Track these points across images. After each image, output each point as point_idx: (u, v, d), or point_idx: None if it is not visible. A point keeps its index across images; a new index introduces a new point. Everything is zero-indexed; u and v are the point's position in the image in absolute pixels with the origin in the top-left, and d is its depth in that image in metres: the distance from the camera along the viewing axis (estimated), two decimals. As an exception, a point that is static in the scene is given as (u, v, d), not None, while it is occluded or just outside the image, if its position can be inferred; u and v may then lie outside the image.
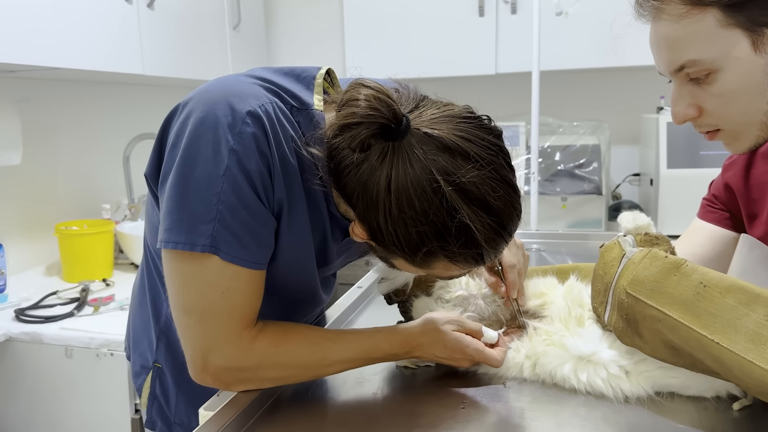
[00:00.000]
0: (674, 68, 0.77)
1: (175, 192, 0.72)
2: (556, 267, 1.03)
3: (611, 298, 0.80)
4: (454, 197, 0.67)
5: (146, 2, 1.89)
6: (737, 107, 0.76)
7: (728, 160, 1.01)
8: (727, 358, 0.69)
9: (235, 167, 0.70)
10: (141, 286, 0.99)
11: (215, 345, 0.75)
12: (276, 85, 0.77)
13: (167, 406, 0.97)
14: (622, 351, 0.81)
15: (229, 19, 2.39)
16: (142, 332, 0.99)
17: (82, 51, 1.65)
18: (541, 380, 0.85)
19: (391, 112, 0.67)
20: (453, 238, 0.68)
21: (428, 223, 0.67)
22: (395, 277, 0.97)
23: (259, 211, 0.73)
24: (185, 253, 0.72)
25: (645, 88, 2.58)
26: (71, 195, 2.10)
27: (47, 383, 1.50)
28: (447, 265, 0.73)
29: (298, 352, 0.79)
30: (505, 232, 0.71)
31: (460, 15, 2.44)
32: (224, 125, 0.71)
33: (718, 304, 0.70)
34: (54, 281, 1.85)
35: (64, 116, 2.06)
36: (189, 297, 0.74)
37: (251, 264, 0.74)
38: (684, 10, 0.74)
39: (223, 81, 0.77)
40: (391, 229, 0.69)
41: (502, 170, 0.70)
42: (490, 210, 0.69)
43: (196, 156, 0.71)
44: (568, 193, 2.35)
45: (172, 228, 0.72)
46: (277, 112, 0.74)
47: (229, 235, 0.71)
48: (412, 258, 0.72)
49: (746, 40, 0.72)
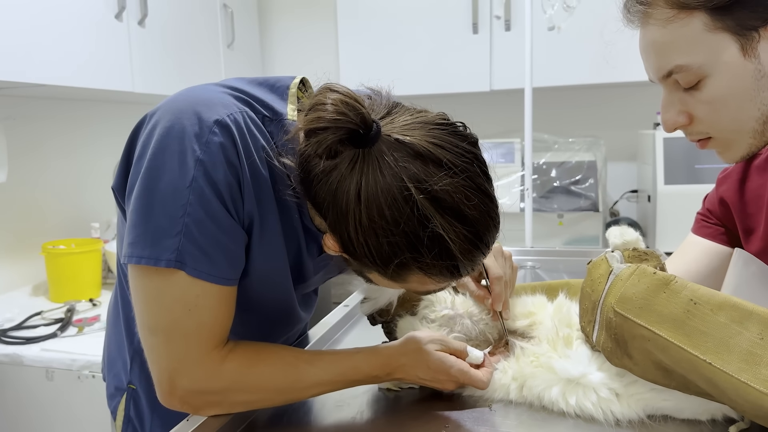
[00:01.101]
0: (662, 74, 0.75)
1: (140, 204, 0.69)
2: (546, 284, 1.00)
3: (599, 317, 0.77)
4: (426, 206, 0.64)
5: (137, 19, 1.88)
6: (727, 114, 0.73)
7: (722, 174, 0.99)
8: (720, 380, 0.66)
9: (202, 178, 0.68)
10: (115, 305, 0.96)
11: (181, 366, 0.71)
12: (247, 95, 0.75)
13: (142, 429, 0.93)
14: (612, 373, 0.78)
15: (223, 38, 2.39)
16: (116, 353, 0.95)
17: (70, 68, 1.64)
18: (529, 403, 0.81)
19: (360, 117, 0.65)
20: (426, 249, 0.65)
21: (400, 233, 0.64)
22: (378, 297, 0.94)
23: (227, 224, 0.70)
24: (150, 269, 0.69)
25: (641, 104, 2.56)
26: (59, 214, 2.08)
27: (28, 406, 1.47)
28: (422, 279, 0.69)
29: (270, 374, 0.75)
30: (481, 243, 0.68)
31: (454, 32, 2.43)
32: (191, 135, 0.68)
33: (709, 322, 0.67)
34: (40, 301, 1.82)
35: (51, 134, 2.05)
36: (154, 315, 0.71)
37: (219, 279, 0.71)
38: (671, 15, 0.71)
39: (191, 90, 0.74)
40: (362, 239, 0.66)
41: (477, 178, 0.67)
42: (464, 220, 0.66)
43: (162, 167, 0.68)
44: (565, 209, 2.33)
45: (136, 242, 0.69)
46: (247, 122, 0.72)
47: (196, 250, 0.68)
48: (385, 270, 0.68)
49: (735, 45, 0.70)
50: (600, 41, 2.06)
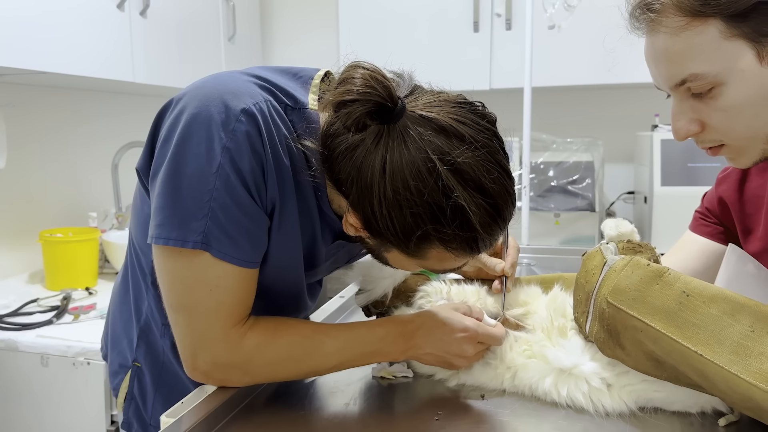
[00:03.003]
0: (675, 83, 0.73)
1: (167, 188, 0.71)
2: (540, 277, 1.01)
3: (592, 308, 0.77)
4: (449, 177, 0.66)
5: (139, 10, 1.88)
6: (743, 122, 0.72)
7: (722, 174, 0.99)
8: (710, 371, 0.66)
9: (228, 165, 0.70)
10: (124, 283, 0.97)
11: (203, 343, 0.75)
12: (271, 84, 0.77)
13: (144, 407, 0.95)
14: (604, 363, 0.78)
15: (224, 31, 2.39)
16: (121, 331, 0.97)
17: (71, 56, 1.64)
18: (521, 393, 0.82)
19: (387, 92, 0.68)
20: (448, 219, 0.67)
21: (423, 204, 0.67)
22: (373, 289, 0.95)
23: (251, 209, 0.72)
24: (176, 250, 0.72)
25: (640, 106, 2.57)
26: (57, 202, 2.08)
27: (22, 391, 1.47)
28: (441, 253, 0.71)
29: (289, 346, 0.78)
30: (499, 218, 0.70)
31: (455, 31, 2.44)
32: (218, 122, 0.70)
33: (701, 314, 0.67)
34: (36, 289, 1.82)
35: (52, 123, 2.05)
36: (178, 294, 0.74)
37: (242, 262, 0.73)
38: (684, 23, 0.70)
39: (218, 77, 0.76)
40: (385, 212, 0.68)
41: (497, 155, 0.70)
42: (485, 192, 0.68)
43: (189, 152, 0.70)
44: (561, 209, 2.33)
45: (164, 224, 0.71)
46: (271, 111, 0.73)
47: (221, 233, 0.71)
48: (406, 245, 0.70)
49: (751, 52, 0.69)
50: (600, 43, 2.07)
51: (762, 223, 0.89)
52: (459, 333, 0.81)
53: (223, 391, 0.78)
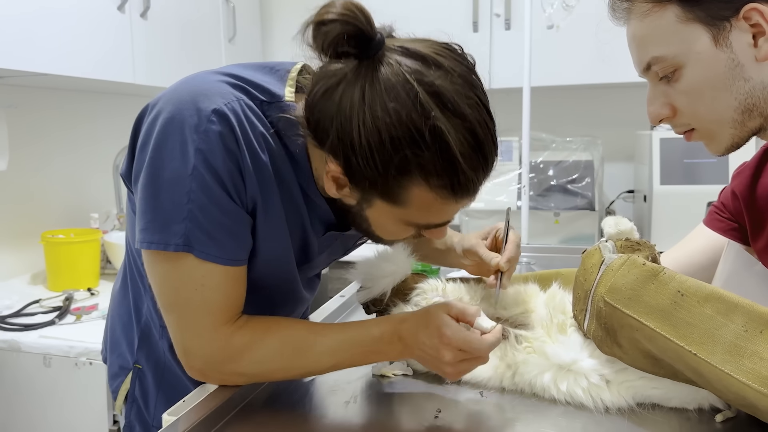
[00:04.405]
0: (643, 67, 0.78)
1: (147, 193, 0.72)
2: (538, 274, 1.02)
3: (590, 306, 0.78)
4: (427, 99, 0.65)
5: (139, 11, 1.89)
6: (705, 104, 0.75)
7: (738, 169, 0.99)
8: (705, 370, 0.67)
9: (202, 166, 0.70)
10: (123, 285, 0.98)
11: (194, 342, 0.76)
12: (245, 81, 0.77)
13: (146, 408, 0.95)
14: (603, 360, 0.79)
15: (225, 32, 2.40)
16: (121, 333, 0.98)
17: (72, 58, 1.64)
18: (520, 389, 0.82)
19: (367, 20, 0.67)
20: (426, 142, 0.65)
21: (401, 125, 0.65)
22: (373, 287, 0.96)
23: (230, 209, 0.73)
24: (160, 253, 0.73)
25: (639, 105, 2.55)
26: (59, 203, 2.09)
27: (25, 392, 1.48)
28: (424, 194, 0.69)
29: (280, 345, 0.78)
30: (480, 151, 0.68)
31: (454, 30, 2.40)
32: (190, 125, 0.71)
33: (695, 314, 0.68)
34: (38, 290, 1.83)
35: (53, 124, 2.06)
36: (167, 295, 0.76)
37: (226, 261, 0.74)
38: (647, 8, 0.74)
39: (190, 80, 0.77)
40: (364, 142, 0.66)
41: (476, 89, 0.69)
42: (464, 117, 0.67)
43: (165, 157, 0.71)
44: (561, 208, 2.34)
45: (146, 228, 0.73)
46: (244, 109, 0.74)
47: (202, 234, 0.72)
48: (386, 182, 0.68)
49: (707, 35, 0.72)
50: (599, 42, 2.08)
51: None
52: (436, 338, 0.75)
53: (224, 389, 0.78)
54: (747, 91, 0.73)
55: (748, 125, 0.75)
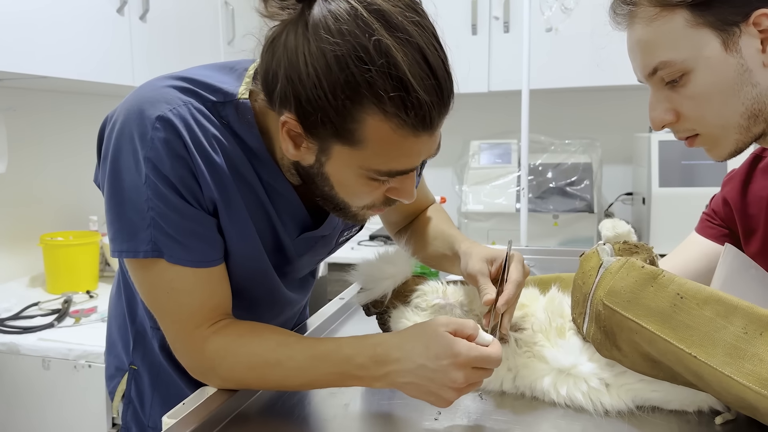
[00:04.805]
0: (648, 71, 0.77)
1: (111, 203, 0.74)
2: (538, 277, 1.02)
3: (589, 309, 0.78)
4: (370, 19, 0.63)
5: (138, 14, 1.89)
6: (712, 109, 0.75)
7: (728, 176, 1.00)
8: (705, 373, 0.67)
9: (153, 174, 0.71)
10: (117, 287, 0.99)
11: (176, 345, 0.78)
12: (197, 83, 0.77)
13: (142, 409, 0.96)
14: (603, 363, 0.79)
15: (224, 34, 2.40)
16: (117, 334, 0.98)
17: (71, 60, 1.65)
18: (520, 393, 0.82)
19: None
20: (372, 57, 0.62)
21: (345, 43, 0.63)
22: (373, 288, 0.96)
23: (190, 213, 0.74)
24: (133, 260, 0.75)
25: (637, 107, 2.58)
26: (58, 206, 2.09)
27: (24, 394, 1.47)
28: (380, 125, 0.65)
29: (250, 356, 0.76)
30: (431, 70, 0.65)
31: (453, 33, 2.43)
32: (138, 134, 0.72)
33: (695, 316, 0.68)
34: (37, 292, 1.83)
35: (52, 127, 2.06)
36: (147, 300, 0.78)
37: (195, 263, 0.75)
38: (654, 12, 0.74)
39: (140, 88, 0.77)
40: (311, 70, 0.64)
41: (425, 18, 0.67)
42: (410, 36, 0.64)
43: (121, 167, 0.73)
44: (560, 210, 2.35)
45: (115, 238, 0.75)
46: (193, 113, 0.74)
47: (167, 239, 0.73)
48: (338, 115, 0.65)
49: (716, 40, 0.72)
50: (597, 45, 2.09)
51: (762, 223, 0.90)
52: (445, 359, 0.68)
53: (223, 392, 0.78)
54: (754, 96, 0.73)
55: (753, 130, 0.75)
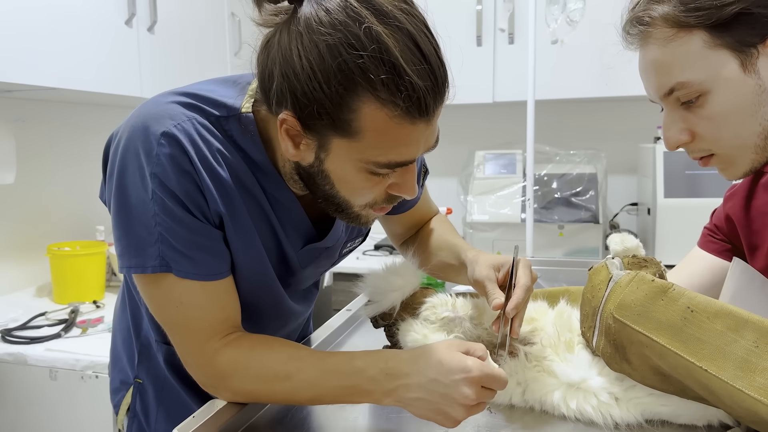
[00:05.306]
0: (664, 92, 0.77)
1: (119, 220, 0.75)
2: (546, 290, 1.02)
3: (599, 323, 0.78)
4: (362, 11, 0.64)
5: (146, 26, 1.91)
6: (730, 130, 0.75)
7: (729, 191, 1.00)
8: (716, 386, 0.67)
9: (159, 190, 0.72)
10: (122, 300, 0.99)
11: (187, 358, 0.78)
12: (200, 98, 0.78)
13: (147, 423, 0.96)
14: (612, 377, 0.79)
15: (230, 45, 2.42)
16: (122, 347, 0.99)
17: (80, 72, 1.66)
18: (530, 406, 0.82)
19: None
20: (363, 44, 0.63)
21: (336, 32, 0.64)
22: (381, 301, 0.96)
23: (197, 226, 0.74)
24: (141, 276, 0.75)
25: (642, 118, 2.59)
26: (65, 216, 2.09)
27: (31, 405, 1.48)
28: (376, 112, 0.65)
29: (261, 369, 0.76)
30: (425, 59, 0.66)
31: (458, 44, 2.45)
32: (143, 150, 0.72)
33: (705, 330, 0.68)
34: (44, 302, 1.83)
35: (60, 137, 2.07)
36: (157, 315, 0.78)
37: (203, 276, 0.75)
38: (671, 33, 0.74)
39: (145, 105, 0.78)
40: (305, 63, 0.65)
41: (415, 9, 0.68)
42: (400, 23, 0.65)
43: (128, 184, 0.73)
44: (565, 221, 2.34)
45: (123, 254, 0.75)
46: (197, 128, 0.75)
47: (175, 253, 0.73)
48: (335, 105, 0.65)
49: (734, 61, 0.72)
50: (602, 55, 2.10)
51: (767, 239, 0.90)
52: (458, 374, 0.68)
53: (234, 405, 0.78)
54: None
55: None
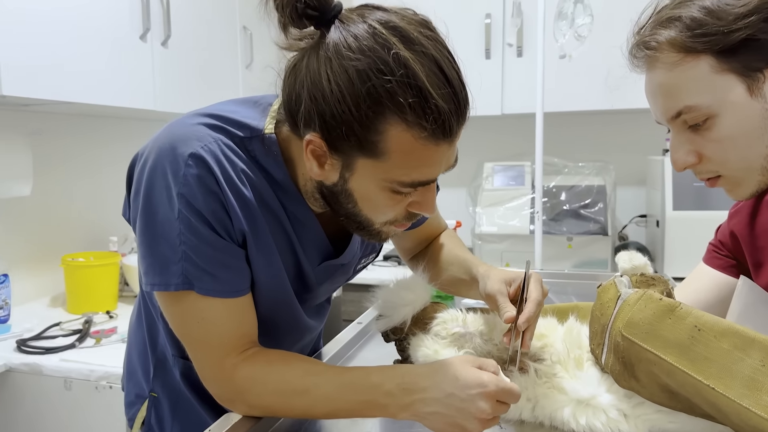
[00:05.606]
0: (671, 115, 0.78)
1: (144, 239, 0.77)
2: (556, 306, 1.03)
3: (607, 340, 0.79)
4: (389, 37, 0.67)
5: (160, 40, 1.94)
6: (737, 153, 0.76)
7: (734, 208, 1.01)
8: (723, 404, 0.68)
9: (186, 210, 0.74)
10: (138, 316, 1.01)
11: (205, 373, 0.80)
12: (225, 120, 0.80)
13: None
14: (621, 394, 0.80)
15: (242, 59, 2.45)
16: (137, 361, 1.00)
17: (95, 86, 1.69)
18: (539, 422, 0.83)
19: None
20: (391, 69, 0.66)
21: (365, 58, 0.67)
22: (393, 315, 0.97)
23: (221, 245, 0.76)
24: (164, 293, 0.77)
25: (650, 130, 2.59)
26: (79, 227, 2.13)
27: (46, 415, 1.50)
28: (401, 133, 0.68)
29: (279, 383, 0.78)
30: (449, 84, 0.69)
31: (467, 57, 2.44)
32: (171, 171, 0.75)
33: (713, 349, 0.69)
34: (58, 312, 1.86)
35: (75, 149, 2.10)
36: (178, 331, 0.80)
37: (225, 293, 0.77)
38: (678, 58, 0.75)
39: (171, 126, 0.80)
40: (335, 86, 0.67)
41: (438, 36, 0.71)
42: (425, 49, 0.68)
43: (154, 203, 0.75)
44: (574, 233, 2.35)
45: (148, 272, 0.77)
46: (223, 149, 0.77)
47: (199, 271, 0.75)
48: (362, 127, 0.68)
49: (741, 85, 0.73)
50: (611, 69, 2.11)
51: None
52: (475, 389, 0.70)
53: (249, 418, 0.80)
54: None
55: None
